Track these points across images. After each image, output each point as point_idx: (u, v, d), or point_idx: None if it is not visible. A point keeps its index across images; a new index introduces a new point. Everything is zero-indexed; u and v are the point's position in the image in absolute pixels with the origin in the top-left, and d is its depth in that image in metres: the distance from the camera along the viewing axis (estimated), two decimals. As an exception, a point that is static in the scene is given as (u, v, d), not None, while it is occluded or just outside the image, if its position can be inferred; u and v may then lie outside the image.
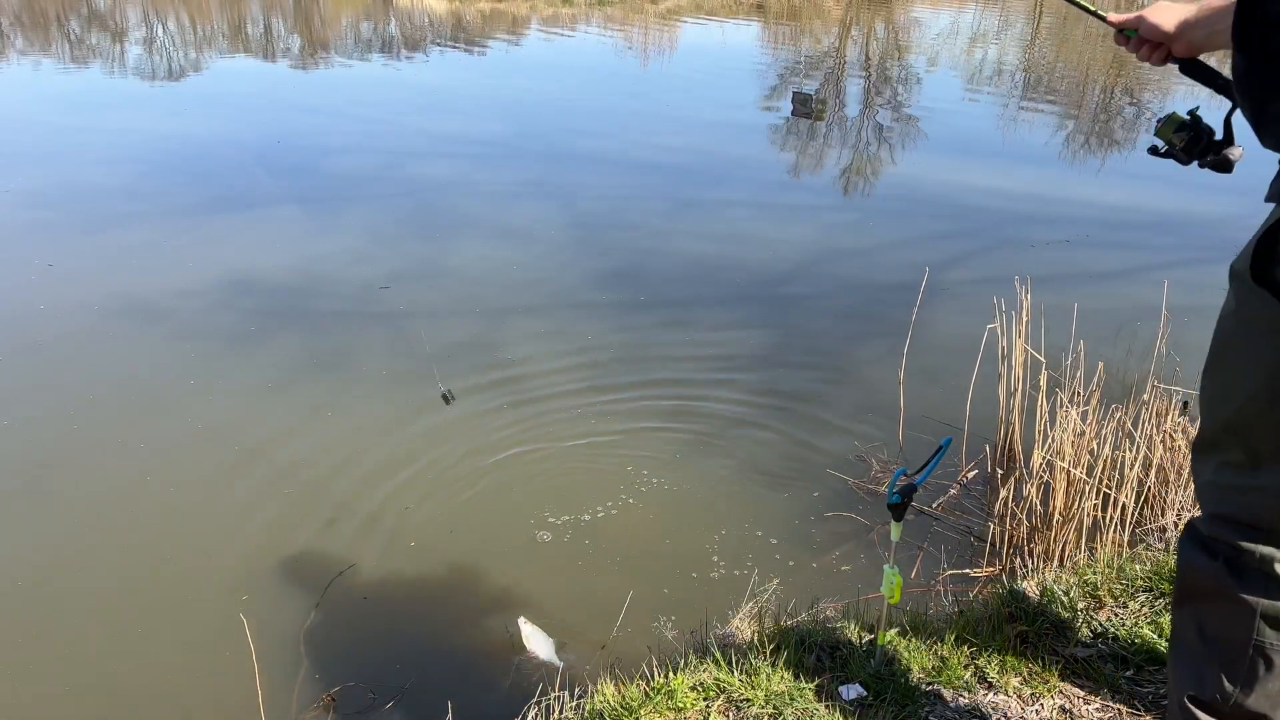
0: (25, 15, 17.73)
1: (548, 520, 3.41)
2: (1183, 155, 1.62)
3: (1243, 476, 1.36)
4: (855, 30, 18.01)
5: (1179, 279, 4.02)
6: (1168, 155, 1.64)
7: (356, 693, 2.68)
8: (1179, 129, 1.59)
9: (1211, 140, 1.60)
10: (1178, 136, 1.60)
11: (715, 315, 5.14)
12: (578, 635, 2.88)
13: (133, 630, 2.92)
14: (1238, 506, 1.38)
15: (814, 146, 9.28)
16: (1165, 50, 1.65)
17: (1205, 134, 1.60)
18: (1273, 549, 1.36)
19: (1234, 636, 1.42)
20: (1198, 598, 1.47)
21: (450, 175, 7.84)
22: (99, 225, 6.39)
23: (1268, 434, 1.31)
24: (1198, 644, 1.47)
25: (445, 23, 18.08)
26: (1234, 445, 1.37)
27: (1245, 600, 1.38)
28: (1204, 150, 1.59)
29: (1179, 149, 1.61)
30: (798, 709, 1.87)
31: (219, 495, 3.56)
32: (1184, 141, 1.60)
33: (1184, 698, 1.50)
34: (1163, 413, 3.22)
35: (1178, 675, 1.53)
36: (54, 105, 10.27)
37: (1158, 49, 1.66)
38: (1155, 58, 1.67)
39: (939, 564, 3.17)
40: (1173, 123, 1.60)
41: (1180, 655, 1.53)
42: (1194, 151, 1.60)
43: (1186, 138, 1.59)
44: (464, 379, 4.38)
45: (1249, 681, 1.42)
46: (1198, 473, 1.47)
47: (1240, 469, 1.36)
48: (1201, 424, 1.45)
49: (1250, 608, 1.38)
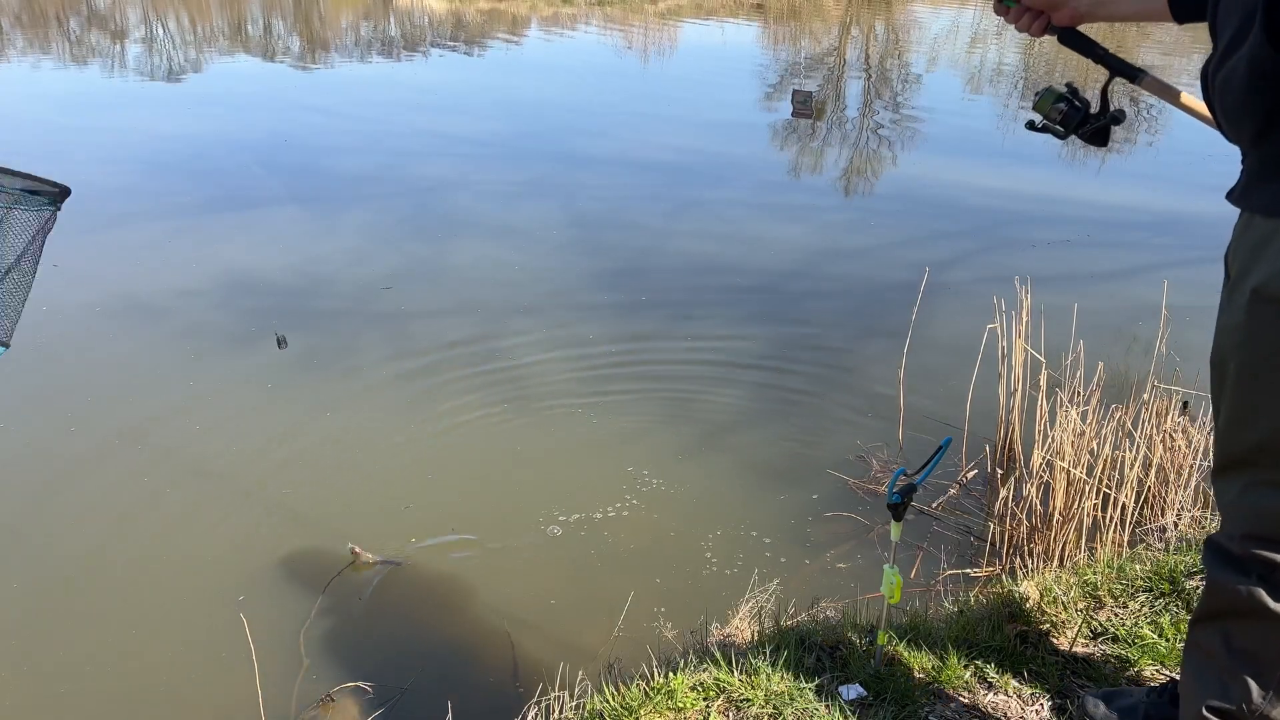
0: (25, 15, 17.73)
1: (548, 520, 3.41)
2: (1060, 129, 1.64)
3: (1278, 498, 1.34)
4: (855, 30, 18.01)
5: (1179, 279, 4.01)
6: (1045, 130, 1.66)
7: (356, 692, 2.69)
8: (1057, 100, 1.62)
9: (1088, 113, 1.63)
10: (1055, 109, 1.62)
11: (715, 315, 5.14)
12: (578, 635, 2.88)
13: (133, 630, 2.92)
14: (1274, 525, 1.36)
15: (814, 146, 9.28)
16: (1045, 19, 1.66)
17: (1083, 106, 1.63)
18: None
19: (1266, 650, 1.40)
20: (1228, 616, 1.44)
21: (450, 175, 7.84)
22: (100, 225, 6.39)
23: None
24: (1224, 656, 1.45)
25: (445, 22, 18.09)
26: (1269, 466, 1.34)
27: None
28: (1081, 122, 1.62)
29: (1057, 122, 1.63)
30: (798, 709, 1.87)
31: (218, 495, 3.56)
32: (1061, 115, 1.62)
33: (1203, 707, 1.48)
34: (1163, 413, 3.22)
35: (1197, 686, 1.50)
36: (54, 105, 10.27)
37: (1039, 18, 1.66)
38: (1035, 28, 1.67)
39: (939, 564, 3.17)
40: (1051, 95, 1.62)
41: (1201, 666, 1.50)
42: (1071, 125, 1.62)
43: (1064, 110, 1.62)
44: (464, 378, 4.39)
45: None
46: (1222, 491, 1.43)
47: (1276, 489, 1.34)
48: (1225, 444, 1.41)
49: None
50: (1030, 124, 1.67)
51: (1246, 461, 1.37)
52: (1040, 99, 1.64)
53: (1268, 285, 1.26)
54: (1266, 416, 1.31)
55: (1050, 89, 1.64)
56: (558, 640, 2.86)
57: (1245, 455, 1.37)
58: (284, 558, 3.23)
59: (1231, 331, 1.34)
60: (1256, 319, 1.29)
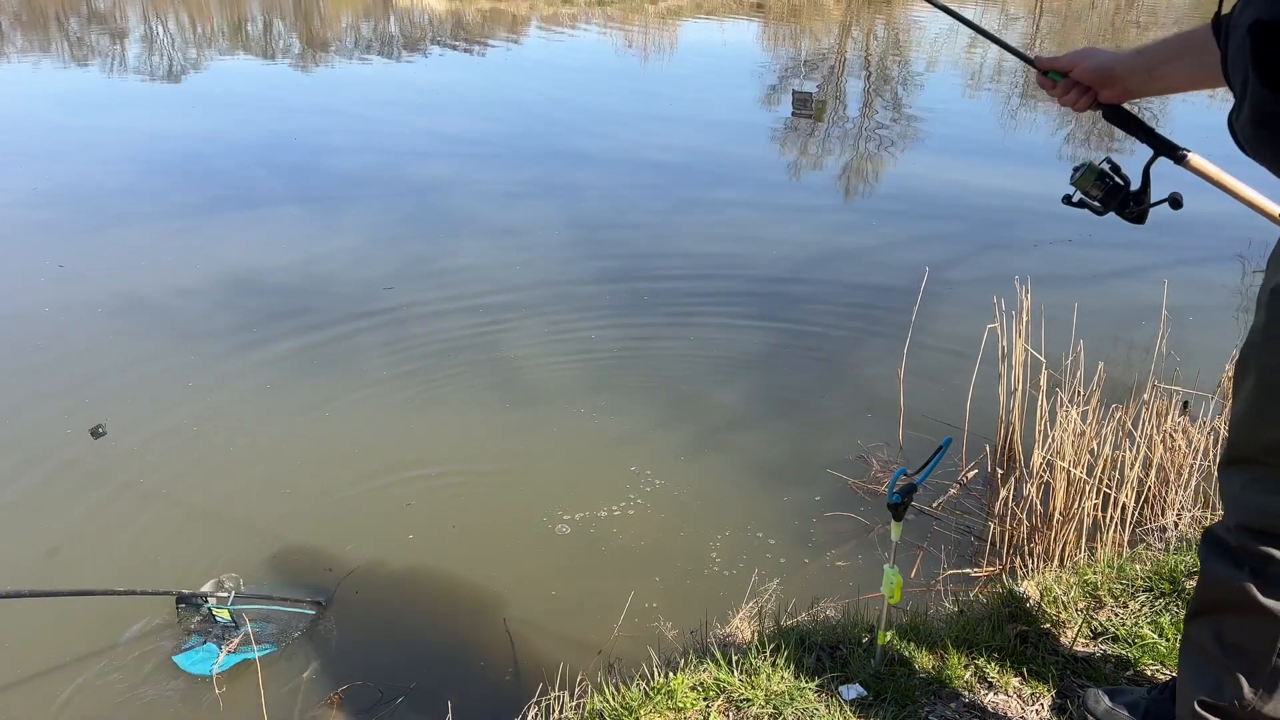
0: (25, 15, 17.73)
1: (550, 520, 3.41)
2: (1099, 206, 1.59)
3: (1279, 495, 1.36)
4: (855, 30, 18.01)
5: (1179, 279, 4.02)
6: (1081, 205, 1.61)
7: (363, 692, 2.69)
8: (1099, 178, 1.56)
9: (1129, 191, 1.57)
10: (1097, 187, 1.57)
11: (715, 314, 5.14)
12: (578, 635, 2.88)
13: (133, 630, 2.92)
14: (1271, 521, 1.38)
15: (814, 146, 9.28)
16: (1092, 95, 1.63)
17: (1124, 183, 1.58)
18: None
19: (1257, 644, 1.41)
20: (1221, 608, 1.46)
21: (451, 174, 7.85)
22: (101, 225, 6.39)
23: None
24: (1216, 651, 1.46)
25: (445, 22, 18.09)
26: (1276, 466, 1.36)
27: (1272, 609, 1.38)
28: (1123, 202, 1.56)
29: (1098, 199, 1.58)
30: (798, 709, 1.87)
31: (219, 495, 3.56)
32: (1103, 192, 1.57)
33: (1195, 703, 1.49)
34: (1163, 413, 3.22)
35: (1191, 682, 1.52)
36: (54, 105, 10.27)
37: (1085, 94, 1.63)
38: (1081, 103, 1.64)
39: (939, 564, 3.17)
40: (1092, 172, 1.57)
41: (1195, 662, 1.52)
42: (1111, 204, 1.57)
43: (1106, 188, 1.57)
44: (464, 379, 4.39)
45: (1270, 688, 1.42)
46: (1227, 483, 1.45)
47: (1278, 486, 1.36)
48: (1236, 439, 1.43)
49: (1276, 616, 1.38)
50: (1067, 198, 1.62)
51: (1255, 460, 1.39)
52: (1081, 175, 1.58)
53: None
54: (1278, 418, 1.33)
55: (1090, 165, 1.57)
56: (558, 640, 2.86)
57: (1254, 454, 1.39)
58: (286, 557, 3.24)
59: (1254, 332, 1.36)
60: (1275, 320, 1.31)
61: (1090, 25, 18.25)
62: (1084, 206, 1.61)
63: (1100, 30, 17.56)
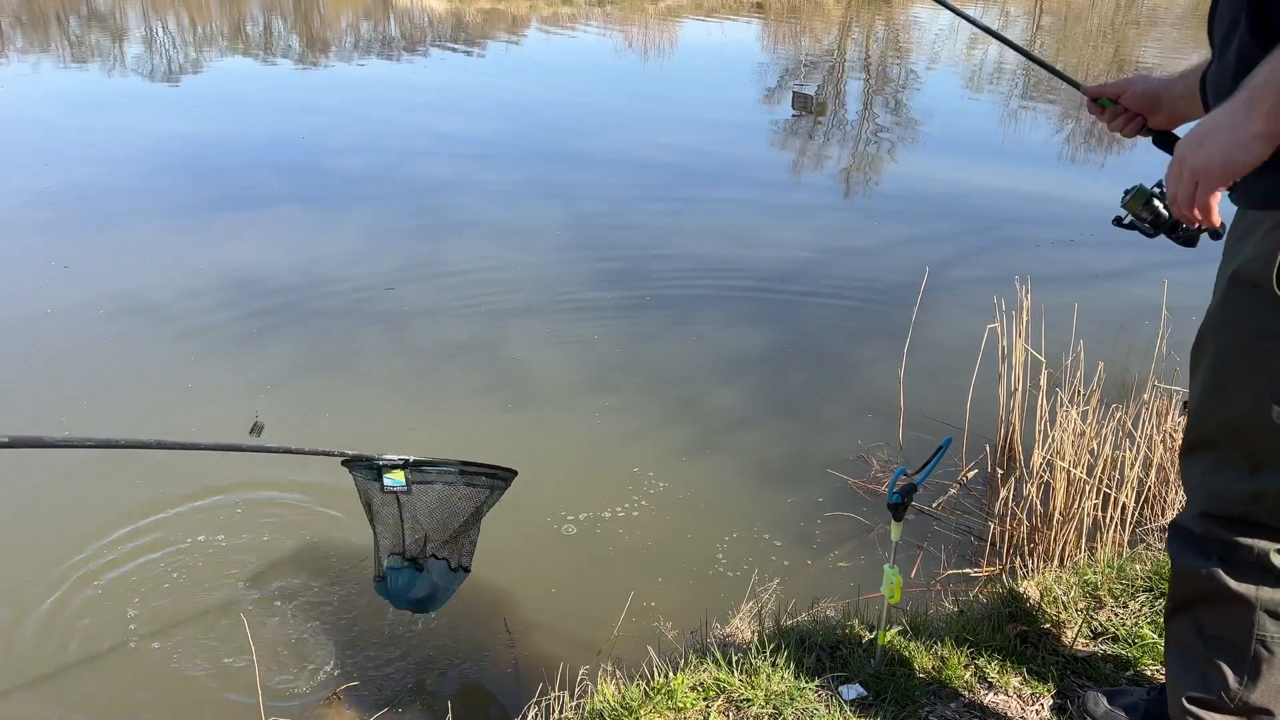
0: (25, 15, 17.73)
1: (549, 520, 3.41)
2: (1150, 229, 1.60)
3: (1240, 480, 1.37)
4: (855, 30, 18.01)
5: (1179, 279, 4.02)
6: (1131, 227, 1.62)
7: (359, 692, 2.69)
8: (1148, 201, 1.57)
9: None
10: (1146, 210, 1.58)
11: (716, 314, 5.14)
12: (578, 635, 2.88)
13: (132, 630, 2.93)
14: (1232, 505, 1.39)
15: (814, 146, 9.28)
16: (1141, 121, 1.65)
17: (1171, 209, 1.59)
18: (1267, 542, 1.37)
19: (1235, 633, 1.42)
20: (1196, 602, 1.47)
21: (451, 175, 7.85)
22: (102, 225, 6.39)
23: (1269, 440, 1.32)
24: (1198, 646, 1.48)
25: (445, 22, 18.09)
26: (1232, 448, 1.37)
27: (1243, 595, 1.39)
28: (1173, 225, 1.57)
29: (1147, 221, 1.59)
30: (798, 709, 1.87)
31: (217, 494, 3.56)
32: (1153, 215, 1.58)
33: (1184, 699, 1.50)
34: (1163, 413, 3.23)
35: (1178, 679, 1.53)
36: (55, 104, 10.27)
37: (1134, 119, 1.65)
38: (1130, 129, 1.67)
39: (939, 564, 3.17)
40: (1142, 195, 1.58)
41: (1180, 659, 1.53)
42: (1161, 226, 1.58)
43: (1156, 211, 1.57)
44: (465, 379, 4.39)
45: (1254, 676, 1.43)
46: (1188, 472, 1.48)
47: (1238, 471, 1.37)
48: (1194, 422, 1.45)
49: (1249, 602, 1.39)
50: (1117, 220, 1.63)
51: (1212, 443, 1.40)
52: (1131, 198, 1.58)
53: (1245, 268, 1.30)
54: (1234, 397, 1.35)
55: (1141, 189, 1.58)
56: (558, 640, 2.86)
57: (1211, 437, 1.42)
58: (286, 557, 3.24)
59: (1211, 314, 1.40)
60: (1232, 301, 1.34)
61: (1090, 25, 18.25)
62: (1134, 229, 1.62)
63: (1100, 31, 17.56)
